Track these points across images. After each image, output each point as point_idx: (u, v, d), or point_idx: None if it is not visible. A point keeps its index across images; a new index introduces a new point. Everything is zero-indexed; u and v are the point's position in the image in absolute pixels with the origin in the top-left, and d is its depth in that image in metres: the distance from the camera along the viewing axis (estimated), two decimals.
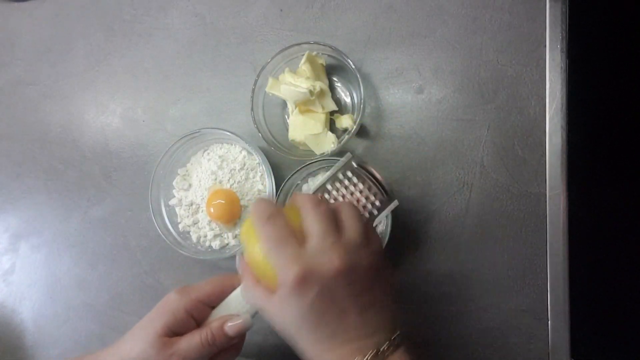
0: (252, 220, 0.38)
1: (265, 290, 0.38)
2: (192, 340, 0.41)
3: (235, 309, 0.43)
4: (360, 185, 0.43)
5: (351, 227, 0.37)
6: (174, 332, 0.42)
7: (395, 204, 0.43)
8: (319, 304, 0.35)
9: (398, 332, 0.37)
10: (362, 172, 0.44)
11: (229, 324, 0.42)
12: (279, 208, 0.38)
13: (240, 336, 0.44)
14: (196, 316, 0.43)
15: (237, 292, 0.44)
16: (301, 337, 0.36)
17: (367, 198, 0.43)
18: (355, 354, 0.35)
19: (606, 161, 0.54)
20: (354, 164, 0.43)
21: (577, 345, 0.52)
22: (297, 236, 0.36)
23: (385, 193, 0.44)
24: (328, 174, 0.43)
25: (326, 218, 0.37)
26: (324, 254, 0.35)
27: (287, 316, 0.36)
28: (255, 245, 0.38)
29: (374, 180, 0.43)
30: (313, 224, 0.37)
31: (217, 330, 0.42)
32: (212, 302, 0.44)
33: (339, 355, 0.35)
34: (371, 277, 0.37)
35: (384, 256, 0.39)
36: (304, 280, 0.34)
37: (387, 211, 0.44)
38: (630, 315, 0.53)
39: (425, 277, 0.55)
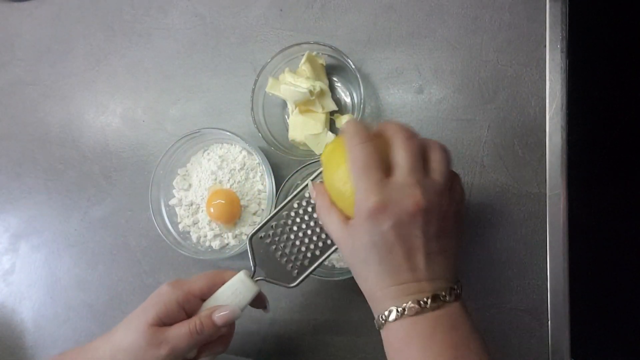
0: (344, 139, 0.38)
1: (340, 215, 0.38)
2: (181, 329, 0.42)
3: (224, 302, 0.44)
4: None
5: (438, 169, 0.37)
6: (165, 323, 0.43)
7: None
8: (391, 236, 0.35)
9: (458, 282, 0.37)
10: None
11: (217, 313, 0.43)
12: (371, 134, 0.38)
13: (229, 327, 0.44)
14: (187, 309, 0.44)
15: (227, 285, 0.44)
16: (366, 266, 0.36)
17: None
18: (415, 292, 0.35)
19: (606, 161, 0.54)
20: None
21: (577, 345, 0.52)
22: (383, 166, 0.36)
23: None
24: (319, 170, 0.43)
25: (416, 154, 0.36)
26: (407, 189, 0.35)
27: (357, 242, 0.36)
28: (338, 167, 0.38)
29: None
30: (402, 157, 0.36)
31: (206, 319, 0.43)
32: (203, 296, 0.45)
33: (397, 291, 0.35)
34: (446, 224, 0.37)
35: (462, 207, 0.39)
36: (383, 209, 0.34)
37: None
38: (630, 315, 0.53)
39: None
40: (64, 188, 0.66)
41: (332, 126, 0.57)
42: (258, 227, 0.44)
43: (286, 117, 0.59)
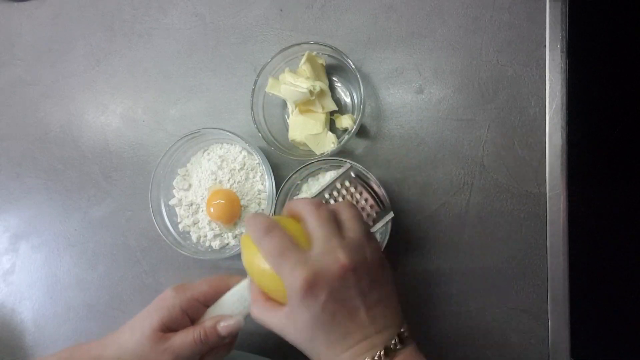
0: (250, 236, 0.38)
1: (274, 304, 0.38)
2: (186, 338, 0.42)
3: (228, 310, 0.44)
4: (357, 196, 0.43)
5: (353, 227, 0.38)
6: (169, 328, 0.43)
7: (390, 215, 0.43)
8: (330, 306, 0.35)
9: (405, 326, 0.37)
10: (360, 182, 0.44)
11: (222, 324, 0.43)
12: (273, 219, 0.39)
13: (232, 336, 0.44)
14: (191, 314, 0.44)
15: (231, 292, 0.44)
16: (315, 342, 0.36)
17: (363, 209, 0.43)
18: (367, 350, 0.35)
19: (606, 161, 0.54)
20: (352, 174, 0.43)
21: (577, 345, 0.52)
22: (299, 243, 0.37)
23: (382, 204, 0.44)
24: (326, 181, 0.43)
25: (327, 221, 0.37)
26: (329, 255, 0.35)
27: (299, 323, 0.36)
28: (258, 261, 0.38)
29: (371, 192, 0.44)
30: (315, 228, 0.37)
31: (210, 329, 0.43)
32: (207, 302, 0.45)
33: (351, 355, 0.35)
34: (376, 274, 0.37)
35: (382, 255, 0.39)
36: (313, 283, 0.35)
37: (382, 223, 0.44)
38: (630, 315, 0.53)
39: (425, 277, 0.55)
40: (64, 188, 0.66)
41: (332, 126, 0.57)
42: None
43: (286, 117, 0.59)
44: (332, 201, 0.43)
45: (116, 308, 0.63)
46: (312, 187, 0.56)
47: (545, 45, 0.54)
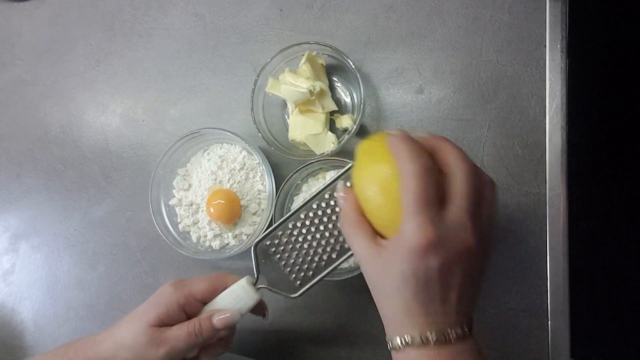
0: (402, 161, 0.34)
1: (370, 231, 0.36)
2: (181, 330, 0.43)
3: (225, 307, 0.44)
4: None
5: (489, 212, 0.36)
6: (165, 323, 0.43)
7: None
8: (434, 274, 0.34)
9: (472, 319, 0.37)
10: None
11: (217, 317, 0.43)
12: (432, 160, 0.35)
13: (229, 330, 0.44)
14: (188, 311, 0.44)
15: (228, 291, 0.44)
16: (397, 292, 0.35)
17: None
18: (439, 325, 0.35)
19: (606, 161, 0.54)
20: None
21: (577, 345, 0.52)
22: (439, 196, 0.34)
23: None
24: (327, 181, 0.43)
25: (476, 192, 0.35)
26: (461, 230, 0.34)
27: (392, 268, 0.35)
28: (381, 177, 0.35)
29: None
30: (462, 194, 0.34)
31: (205, 321, 0.43)
32: (204, 299, 0.45)
33: (424, 320, 0.35)
34: (484, 263, 0.36)
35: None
36: (433, 248, 0.33)
37: None
38: (630, 315, 0.53)
39: None
40: (64, 188, 0.66)
41: (332, 126, 0.57)
42: (263, 235, 0.43)
43: (286, 117, 0.59)
44: (332, 202, 0.43)
45: (116, 308, 0.63)
46: (312, 187, 0.55)
47: (545, 45, 0.54)
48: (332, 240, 0.42)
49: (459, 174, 0.35)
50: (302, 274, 0.43)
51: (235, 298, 0.44)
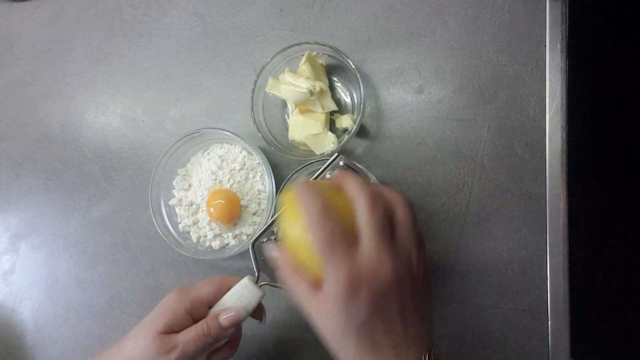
0: (302, 211, 0.36)
1: (307, 284, 0.36)
2: (189, 333, 0.43)
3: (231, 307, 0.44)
4: None
5: (406, 233, 0.35)
6: (174, 330, 0.43)
7: None
8: (368, 311, 0.34)
9: (434, 346, 0.36)
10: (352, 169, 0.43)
11: (223, 315, 0.43)
12: (328, 199, 0.35)
13: (236, 330, 0.45)
14: (195, 315, 0.44)
15: (232, 291, 0.45)
16: (342, 343, 0.35)
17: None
18: None
19: (606, 161, 0.54)
20: (341, 163, 0.43)
21: (577, 345, 0.52)
22: (346, 228, 0.34)
23: None
24: (318, 173, 0.43)
25: (382, 217, 0.35)
26: (378, 261, 0.34)
27: (330, 320, 0.35)
28: (298, 228, 0.36)
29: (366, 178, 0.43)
30: (368, 223, 0.34)
31: (212, 321, 0.43)
32: (210, 302, 0.45)
33: None
34: (419, 286, 0.36)
35: (429, 265, 0.37)
36: (356, 286, 0.33)
37: None
38: (631, 315, 0.53)
39: None
40: (64, 188, 0.66)
41: (332, 126, 0.57)
42: (259, 232, 0.44)
43: (286, 117, 0.59)
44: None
45: (116, 308, 0.63)
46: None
47: (545, 45, 0.54)
48: None
49: (360, 206, 0.35)
50: None
51: (239, 297, 0.44)
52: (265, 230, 0.43)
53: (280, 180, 0.56)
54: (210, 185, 0.58)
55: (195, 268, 0.61)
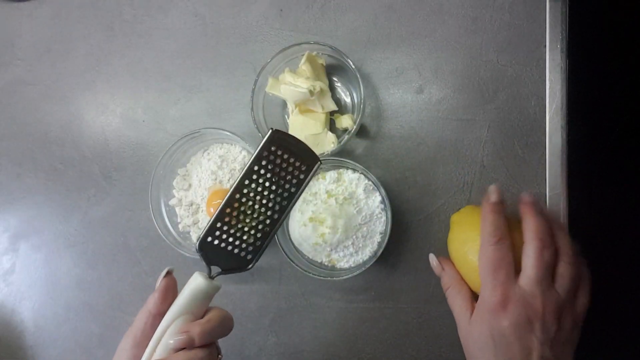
0: (482, 235, 0.42)
1: (469, 299, 0.42)
2: None
3: (186, 309, 0.40)
4: (285, 156, 0.42)
5: (564, 284, 0.40)
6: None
7: (318, 164, 0.42)
8: (509, 333, 0.38)
9: None
10: (283, 145, 0.42)
11: (170, 342, 0.38)
12: (506, 232, 0.41)
13: (200, 338, 0.38)
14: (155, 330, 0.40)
15: (186, 291, 0.41)
16: (481, 355, 0.39)
17: (293, 165, 0.42)
18: None
19: (606, 161, 0.54)
20: (276, 138, 0.42)
21: (576, 345, 0.52)
22: (513, 265, 0.40)
23: (312, 156, 0.43)
24: (253, 155, 0.42)
25: (545, 266, 0.39)
26: (531, 294, 0.38)
27: (475, 332, 0.40)
28: (468, 250, 0.45)
29: (294, 152, 0.42)
30: (532, 267, 0.39)
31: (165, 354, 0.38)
32: (161, 311, 0.40)
33: None
34: (562, 335, 0.39)
35: (582, 317, 0.41)
36: (504, 307, 0.38)
37: (311, 174, 0.42)
38: (630, 315, 0.53)
39: (425, 277, 0.55)
40: (64, 188, 0.66)
41: (332, 126, 0.57)
42: (203, 233, 0.41)
43: (286, 117, 0.59)
44: (263, 172, 0.41)
45: (116, 308, 0.63)
46: (312, 187, 0.55)
47: (545, 45, 0.54)
48: (270, 204, 0.42)
49: (530, 249, 0.40)
50: (250, 246, 0.42)
51: (193, 296, 0.41)
52: (209, 231, 0.42)
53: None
54: (210, 185, 0.58)
55: (195, 268, 0.61)
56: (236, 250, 0.43)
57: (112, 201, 0.64)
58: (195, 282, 0.41)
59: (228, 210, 0.42)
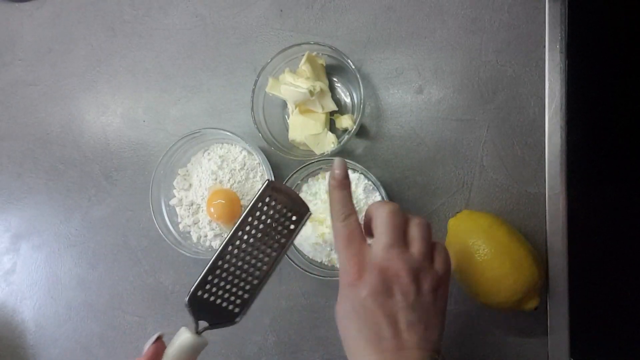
0: (331, 213, 0.41)
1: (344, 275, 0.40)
2: None
3: None
4: (278, 207, 0.42)
5: (417, 245, 0.38)
6: None
7: (308, 215, 0.43)
8: (369, 303, 0.36)
9: (440, 355, 0.37)
10: (279, 194, 0.42)
11: None
12: (352, 204, 0.40)
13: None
14: None
15: (174, 347, 0.41)
16: (348, 333, 0.37)
17: (284, 216, 0.42)
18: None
19: (606, 161, 0.54)
20: (270, 188, 0.42)
21: (577, 345, 0.52)
22: (365, 240, 0.39)
23: (302, 206, 0.43)
24: (248, 207, 0.42)
25: (395, 227, 0.38)
26: (387, 259, 0.37)
27: (340, 313, 0.38)
28: (469, 255, 0.47)
29: (291, 197, 0.42)
30: (381, 230, 0.38)
31: None
32: None
33: (381, 359, 0.35)
34: (424, 298, 0.37)
35: (446, 282, 0.39)
36: (359, 277, 0.36)
37: (302, 224, 0.42)
38: (630, 315, 0.53)
39: None
40: (65, 188, 0.66)
41: (332, 126, 0.57)
42: (193, 287, 0.41)
43: (286, 117, 0.59)
44: (256, 222, 0.41)
45: (117, 308, 0.63)
46: (312, 187, 0.56)
47: (545, 46, 0.54)
48: (260, 255, 0.41)
49: (378, 215, 0.39)
50: (239, 299, 0.41)
51: (181, 353, 0.40)
52: (200, 285, 0.41)
53: (280, 181, 0.56)
54: (210, 185, 0.58)
55: (195, 268, 0.61)
56: (224, 304, 0.41)
57: (112, 201, 0.65)
58: (183, 338, 0.41)
59: (220, 262, 0.41)
